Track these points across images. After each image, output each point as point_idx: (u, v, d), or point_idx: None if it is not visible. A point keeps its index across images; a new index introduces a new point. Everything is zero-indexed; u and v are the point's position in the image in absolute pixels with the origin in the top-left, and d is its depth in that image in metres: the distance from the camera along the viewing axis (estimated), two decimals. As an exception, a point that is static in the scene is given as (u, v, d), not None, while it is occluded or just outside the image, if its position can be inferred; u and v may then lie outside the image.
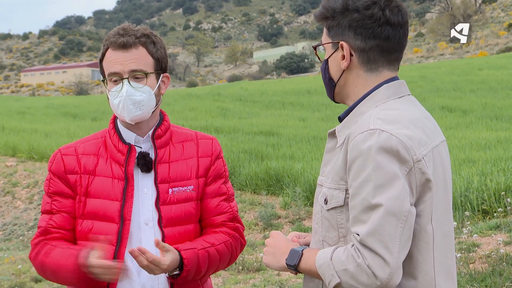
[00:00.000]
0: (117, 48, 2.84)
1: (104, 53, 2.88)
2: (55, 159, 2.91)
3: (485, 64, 36.73)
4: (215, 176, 3.01)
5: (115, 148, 2.89)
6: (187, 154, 2.96)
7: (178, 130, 3.03)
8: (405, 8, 2.34)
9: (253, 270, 8.85)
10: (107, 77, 2.85)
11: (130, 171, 2.85)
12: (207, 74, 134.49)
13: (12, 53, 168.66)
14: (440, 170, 2.28)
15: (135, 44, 2.86)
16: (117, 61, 2.83)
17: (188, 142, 3.00)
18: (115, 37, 2.85)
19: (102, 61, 2.89)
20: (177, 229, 2.88)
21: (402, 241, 2.12)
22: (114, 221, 2.81)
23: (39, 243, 2.87)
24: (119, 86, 2.84)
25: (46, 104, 39.62)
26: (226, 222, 3.01)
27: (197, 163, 2.97)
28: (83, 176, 2.86)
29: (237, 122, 22.38)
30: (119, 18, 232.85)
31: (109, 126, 2.97)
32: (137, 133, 2.91)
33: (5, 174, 19.50)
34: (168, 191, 2.87)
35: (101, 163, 2.88)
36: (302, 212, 11.70)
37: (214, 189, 3.00)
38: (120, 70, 2.83)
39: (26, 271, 10.23)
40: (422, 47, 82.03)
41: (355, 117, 2.32)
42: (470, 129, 18.20)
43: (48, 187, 2.90)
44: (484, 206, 9.48)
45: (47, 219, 2.87)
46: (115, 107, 2.85)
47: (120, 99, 2.82)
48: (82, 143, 2.96)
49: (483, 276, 6.69)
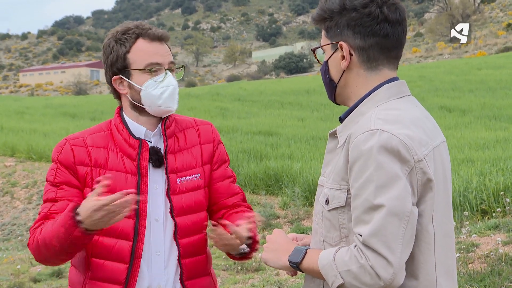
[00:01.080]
0: (153, 40, 2.83)
1: (131, 45, 2.82)
2: (64, 149, 2.83)
3: (484, 64, 36.74)
4: (220, 161, 3.04)
5: (125, 143, 2.85)
6: (190, 143, 2.97)
7: (177, 118, 3.02)
8: (402, 5, 2.35)
9: (252, 270, 8.84)
10: (145, 68, 2.81)
11: (143, 166, 2.82)
12: (206, 74, 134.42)
13: (10, 53, 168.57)
14: (440, 170, 2.28)
15: (167, 39, 2.89)
16: (157, 52, 2.82)
17: (189, 130, 3.01)
18: (148, 30, 2.83)
19: (129, 53, 2.82)
20: (189, 218, 2.89)
21: (405, 241, 2.12)
22: (130, 217, 2.77)
23: (38, 227, 2.77)
24: (161, 76, 2.82)
25: (45, 104, 39.61)
26: (240, 202, 3.05)
27: (201, 151, 2.98)
28: (94, 169, 2.81)
29: (236, 122, 22.38)
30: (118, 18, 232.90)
31: (115, 120, 2.91)
32: (148, 128, 2.88)
33: (4, 174, 19.50)
34: (176, 181, 2.87)
35: (112, 157, 2.84)
36: (301, 212, 11.70)
37: (221, 172, 3.02)
38: (162, 60, 2.83)
39: (25, 271, 10.23)
40: (421, 47, 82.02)
41: (356, 117, 2.32)
42: (469, 129, 18.20)
43: (54, 177, 2.81)
44: (483, 206, 9.48)
45: (50, 206, 2.79)
46: (155, 98, 2.81)
47: (165, 89, 2.81)
48: (89, 134, 2.89)
49: (482, 276, 6.69)
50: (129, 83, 2.85)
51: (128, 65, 2.83)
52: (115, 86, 2.89)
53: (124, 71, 2.84)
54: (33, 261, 10.95)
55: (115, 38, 2.85)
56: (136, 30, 2.83)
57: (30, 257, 11.23)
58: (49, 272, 9.86)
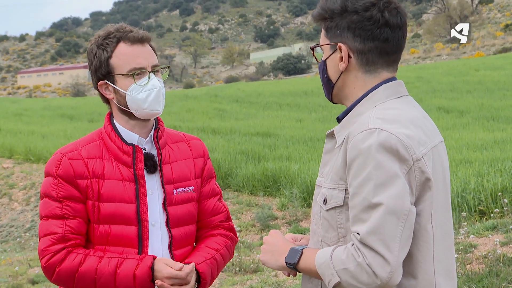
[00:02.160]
0: (134, 42, 2.80)
1: (113, 49, 2.79)
2: (61, 163, 2.78)
3: (482, 65, 36.78)
4: (208, 176, 3.06)
5: (119, 150, 2.83)
6: (183, 155, 2.98)
7: (168, 131, 3.03)
8: (404, 10, 2.34)
9: (250, 271, 8.84)
10: (128, 72, 2.79)
11: (140, 172, 2.82)
12: (204, 76, 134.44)
13: (8, 55, 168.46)
14: (439, 169, 2.28)
15: (149, 40, 2.86)
16: (139, 55, 2.80)
17: (180, 143, 3.02)
18: (128, 33, 2.80)
19: (111, 58, 2.80)
20: (183, 230, 2.90)
21: (402, 240, 2.12)
22: (132, 224, 2.79)
23: (59, 250, 2.72)
24: (145, 79, 2.80)
25: (43, 106, 39.61)
26: (223, 221, 3.07)
27: (193, 164, 2.99)
28: (93, 181, 2.79)
29: (234, 123, 22.38)
30: (115, 20, 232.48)
31: (105, 128, 2.89)
32: (140, 134, 2.87)
33: (1, 176, 19.49)
34: (172, 192, 2.88)
35: (108, 166, 2.81)
36: (299, 213, 11.70)
37: (209, 189, 3.04)
38: (145, 64, 2.81)
39: (23, 273, 10.22)
40: (419, 48, 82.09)
41: (354, 117, 2.32)
42: (467, 129, 18.21)
43: (57, 192, 2.76)
44: (481, 206, 9.49)
45: (62, 225, 2.74)
46: (141, 101, 2.80)
47: (150, 92, 2.79)
48: (82, 146, 2.85)
49: (480, 276, 6.69)
50: (114, 88, 2.83)
51: (111, 70, 2.81)
52: (102, 91, 2.88)
53: (108, 76, 2.82)
54: (31, 262, 10.94)
55: (97, 44, 2.82)
56: (117, 34, 2.80)
57: (28, 259, 11.22)
58: (47, 274, 9.84)
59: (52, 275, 2.75)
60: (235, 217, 12.36)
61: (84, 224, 2.79)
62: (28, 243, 14.51)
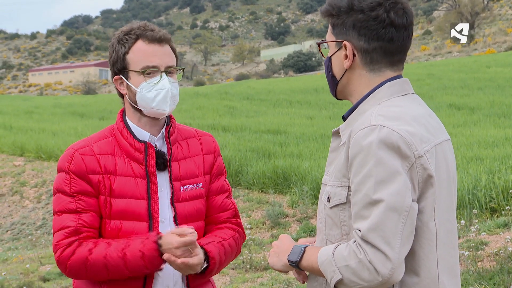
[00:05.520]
0: (152, 41, 2.84)
1: (131, 46, 2.84)
2: (74, 159, 2.82)
3: (493, 62, 36.62)
4: (218, 173, 3.08)
5: (131, 147, 2.86)
6: (193, 152, 3.00)
7: (180, 127, 3.05)
8: (411, 9, 2.33)
9: (260, 269, 8.85)
10: (141, 70, 2.83)
11: (151, 169, 2.85)
12: (215, 73, 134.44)
13: (20, 53, 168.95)
14: (443, 167, 2.28)
15: (168, 41, 2.89)
16: (154, 54, 2.83)
17: (191, 139, 3.04)
18: (148, 31, 2.84)
19: (128, 54, 2.84)
20: (191, 226, 2.91)
21: (404, 236, 2.12)
22: (143, 220, 2.82)
23: (71, 243, 2.75)
24: (156, 78, 2.84)
25: (53, 104, 39.73)
26: (230, 218, 3.08)
27: (203, 160, 3.01)
28: (105, 177, 2.82)
29: (245, 121, 22.37)
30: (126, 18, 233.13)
31: (118, 125, 2.93)
32: (151, 132, 2.91)
33: (13, 173, 19.55)
34: (179, 189, 2.91)
35: (120, 163, 2.85)
36: (309, 210, 11.69)
37: (218, 186, 3.06)
38: (159, 63, 2.84)
39: (34, 270, 10.26)
40: (429, 45, 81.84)
41: (358, 115, 2.32)
42: (478, 126, 18.15)
43: (70, 187, 2.79)
44: (492, 204, 9.45)
45: (75, 219, 2.77)
46: (149, 100, 2.83)
47: (159, 91, 2.83)
48: (94, 142, 2.88)
49: (491, 274, 6.68)
50: (127, 84, 2.87)
51: (127, 66, 2.86)
52: (117, 85, 2.93)
53: (123, 71, 2.87)
54: (42, 260, 10.99)
55: (118, 38, 2.88)
56: (137, 31, 2.85)
57: (40, 256, 11.26)
58: (58, 272, 9.88)
59: (66, 268, 2.78)
60: (246, 215, 12.37)
61: (97, 218, 2.81)
62: (39, 240, 14.55)
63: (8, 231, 16.21)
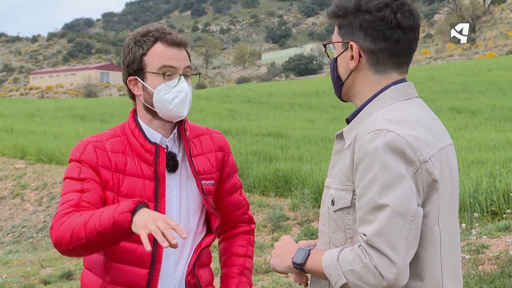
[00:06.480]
0: (171, 45, 2.84)
1: (149, 47, 2.82)
2: (86, 150, 2.81)
3: (494, 65, 36.66)
4: (231, 170, 3.12)
5: (142, 148, 2.85)
6: (206, 149, 3.02)
7: (191, 125, 3.06)
8: (417, 12, 2.33)
9: (261, 272, 8.84)
10: (159, 71, 2.81)
11: (161, 171, 2.84)
12: (216, 76, 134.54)
13: (21, 56, 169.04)
14: (447, 172, 2.27)
15: (186, 45, 2.91)
16: (173, 57, 2.83)
17: (203, 136, 3.05)
18: (167, 34, 2.84)
19: (145, 55, 2.83)
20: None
21: (409, 241, 2.12)
22: None
23: (68, 213, 2.67)
24: (175, 81, 2.83)
25: (55, 107, 39.78)
26: (244, 214, 3.19)
27: (215, 157, 3.03)
28: (114, 174, 2.81)
29: (246, 124, 22.39)
30: (127, 21, 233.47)
31: (130, 125, 2.91)
32: (163, 134, 2.90)
33: (14, 176, 19.56)
34: (201, 184, 2.93)
35: (130, 162, 2.84)
36: (310, 213, 11.69)
37: (232, 183, 3.11)
38: (177, 65, 2.84)
39: (35, 273, 10.26)
40: (430, 48, 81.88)
41: (363, 118, 2.32)
42: (479, 130, 18.15)
43: (78, 173, 2.76)
44: (493, 207, 9.45)
45: (78, 196, 2.72)
46: (166, 102, 2.82)
47: (177, 94, 2.82)
48: (107, 139, 2.87)
49: (492, 277, 6.67)
50: (143, 85, 2.85)
51: (143, 67, 2.84)
52: (130, 87, 2.90)
53: (139, 72, 2.85)
54: (43, 263, 10.99)
55: (134, 40, 2.86)
56: (156, 33, 2.84)
57: (40, 259, 11.26)
58: (59, 274, 9.88)
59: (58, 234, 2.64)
60: (247, 218, 12.37)
61: (100, 201, 2.75)
62: (40, 243, 14.56)
63: (9, 234, 16.21)
